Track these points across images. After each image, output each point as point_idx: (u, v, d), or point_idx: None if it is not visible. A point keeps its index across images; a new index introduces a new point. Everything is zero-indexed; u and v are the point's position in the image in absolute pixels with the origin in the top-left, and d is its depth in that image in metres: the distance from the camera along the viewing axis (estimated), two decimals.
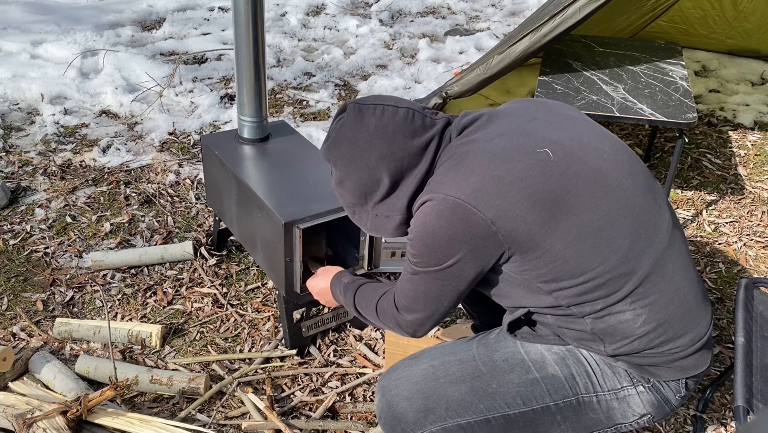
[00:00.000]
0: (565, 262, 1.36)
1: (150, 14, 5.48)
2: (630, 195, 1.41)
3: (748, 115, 4.11)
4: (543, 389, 1.49)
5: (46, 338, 2.37)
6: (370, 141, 1.47)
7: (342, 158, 1.51)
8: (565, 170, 1.37)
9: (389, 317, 1.58)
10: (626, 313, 1.40)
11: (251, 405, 2.08)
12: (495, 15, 5.80)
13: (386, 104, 1.49)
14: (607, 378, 1.48)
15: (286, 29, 5.28)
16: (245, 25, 2.26)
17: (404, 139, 1.46)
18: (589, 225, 1.36)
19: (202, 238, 2.87)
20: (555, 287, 1.39)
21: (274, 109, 4.06)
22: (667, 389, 1.48)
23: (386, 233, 1.56)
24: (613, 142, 1.50)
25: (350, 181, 1.52)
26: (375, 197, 1.52)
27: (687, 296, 1.45)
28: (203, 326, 2.46)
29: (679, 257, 1.46)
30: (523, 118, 1.49)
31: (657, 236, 1.43)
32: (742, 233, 3.08)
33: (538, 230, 1.34)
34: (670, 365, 1.45)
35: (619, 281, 1.38)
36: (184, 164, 3.43)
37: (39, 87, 4.02)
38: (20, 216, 3.00)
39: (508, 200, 1.33)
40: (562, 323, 1.45)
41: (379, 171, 1.48)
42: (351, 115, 1.51)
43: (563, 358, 1.50)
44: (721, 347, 2.44)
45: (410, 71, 4.59)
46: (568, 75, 2.98)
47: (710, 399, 2.21)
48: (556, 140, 1.41)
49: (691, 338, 1.44)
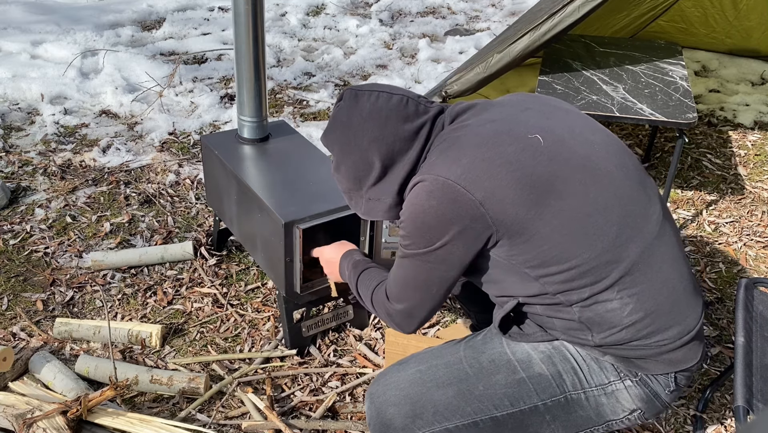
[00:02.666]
0: (552, 247, 1.37)
1: (150, 14, 5.48)
2: (619, 184, 1.42)
3: (748, 115, 4.11)
4: (530, 388, 1.49)
5: (46, 338, 2.37)
6: (363, 124, 1.50)
7: (337, 142, 1.54)
8: (554, 156, 1.38)
9: (381, 306, 1.60)
10: (613, 301, 1.40)
11: (251, 405, 2.08)
12: (495, 15, 5.80)
13: (382, 90, 1.52)
14: (594, 373, 1.48)
15: (286, 29, 5.28)
16: (245, 25, 2.26)
17: (396, 123, 1.48)
18: (576, 211, 1.37)
19: (202, 238, 2.87)
20: (542, 272, 1.40)
21: (274, 109, 4.06)
22: (656, 383, 1.48)
23: (378, 215, 1.57)
24: (605, 135, 1.51)
25: (345, 166, 1.55)
26: (368, 181, 1.54)
27: (676, 288, 1.45)
28: (203, 326, 2.46)
29: (669, 248, 1.46)
30: (517, 108, 1.51)
31: (646, 226, 1.43)
32: (742, 233, 3.08)
33: (526, 213, 1.35)
34: (657, 357, 1.45)
35: (605, 269, 1.38)
36: (184, 164, 3.43)
37: (39, 87, 4.02)
38: (20, 216, 3.00)
39: (497, 182, 1.34)
40: (551, 312, 1.45)
41: (370, 154, 1.50)
42: (347, 100, 1.54)
43: (549, 356, 1.50)
44: (721, 347, 2.44)
45: (410, 71, 4.59)
46: (568, 75, 2.98)
47: (710, 399, 2.21)
48: (548, 128, 1.43)
49: (679, 330, 1.44)
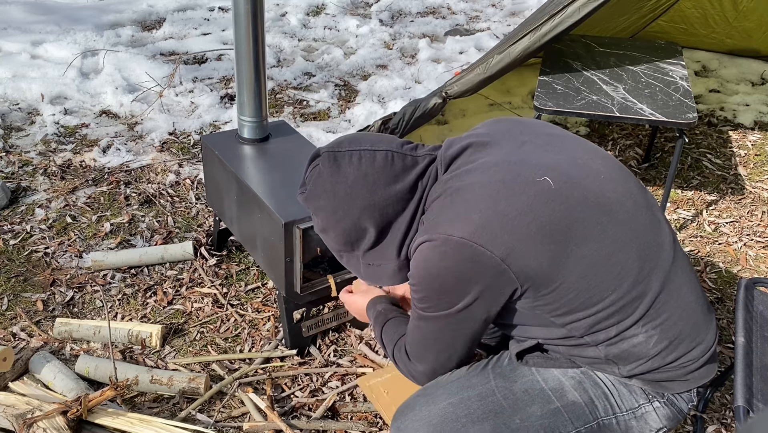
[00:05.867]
0: (578, 294, 1.33)
1: (150, 14, 5.47)
2: (633, 216, 1.39)
3: (748, 115, 4.11)
4: (565, 418, 1.46)
5: (46, 338, 2.37)
6: (350, 193, 1.39)
7: (323, 210, 1.44)
8: (567, 198, 1.32)
9: (402, 364, 1.54)
10: (639, 336, 1.37)
11: (251, 405, 2.08)
12: (495, 15, 5.79)
13: (362, 149, 1.41)
14: (625, 398, 1.46)
15: (286, 29, 5.28)
16: (245, 25, 2.26)
17: (386, 186, 1.39)
18: (599, 254, 1.32)
19: (202, 238, 2.87)
20: (569, 319, 1.36)
21: (274, 109, 4.05)
22: (681, 401, 1.48)
23: (383, 281, 1.49)
24: (605, 158, 1.46)
25: (334, 232, 1.46)
26: (362, 246, 1.46)
27: (695, 309, 1.44)
28: (203, 326, 2.46)
29: (683, 271, 1.45)
30: (512, 143, 1.42)
31: (662, 254, 1.41)
32: (742, 233, 3.08)
33: (549, 264, 1.30)
34: (683, 378, 1.44)
35: (632, 306, 1.36)
36: (184, 164, 3.43)
37: (39, 87, 4.02)
38: (20, 216, 3.00)
39: (516, 236, 1.28)
40: (575, 352, 1.43)
41: (363, 221, 1.41)
42: (326, 165, 1.42)
43: (580, 382, 1.47)
44: (721, 347, 2.44)
45: (410, 71, 4.59)
46: (568, 75, 2.98)
47: (710, 399, 2.21)
48: (553, 165, 1.36)
49: (701, 349, 1.43)
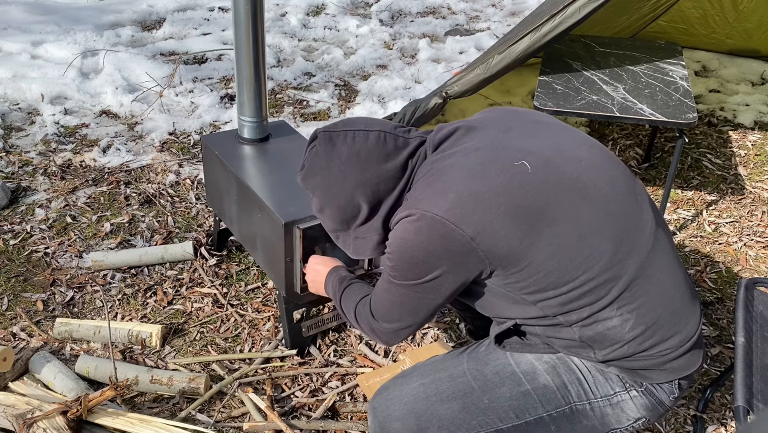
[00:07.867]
0: (547, 273, 1.35)
1: (150, 14, 5.47)
2: (610, 200, 1.41)
3: (748, 115, 4.11)
4: (535, 400, 1.48)
5: (46, 338, 2.37)
6: (344, 169, 1.48)
7: (319, 187, 1.53)
8: (543, 182, 1.36)
9: (365, 321, 1.60)
10: (613, 319, 1.39)
11: (252, 405, 2.08)
12: (495, 15, 5.79)
13: (356, 129, 1.49)
14: (600, 385, 1.47)
15: (286, 29, 5.28)
16: (245, 25, 2.26)
17: (378, 164, 1.47)
18: (570, 234, 1.35)
19: (202, 238, 2.87)
20: (539, 297, 1.39)
21: (274, 109, 4.06)
22: (661, 391, 1.47)
23: (366, 253, 1.57)
24: (590, 146, 1.48)
25: (329, 210, 1.54)
26: (356, 222, 1.54)
27: (674, 297, 1.44)
28: (203, 326, 2.46)
29: (665, 257, 1.45)
30: (498, 129, 1.48)
31: (640, 239, 1.42)
32: (742, 233, 3.08)
33: (519, 244, 1.33)
34: (661, 367, 1.44)
35: (604, 288, 1.37)
36: (184, 164, 3.43)
37: (39, 87, 4.02)
38: (20, 216, 3.00)
39: (487, 216, 1.33)
40: (551, 332, 1.45)
41: (356, 198, 1.50)
42: (322, 144, 1.51)
43: (554, 367, 1.49)
44: (721, 347, 2.44)
45: (410, 71, 4.59)
46: (568, 75, 2.98)
47: (710, 399, 2.21)
48: (533, 150, 1.41)
49: (680, 338, 1.43)
